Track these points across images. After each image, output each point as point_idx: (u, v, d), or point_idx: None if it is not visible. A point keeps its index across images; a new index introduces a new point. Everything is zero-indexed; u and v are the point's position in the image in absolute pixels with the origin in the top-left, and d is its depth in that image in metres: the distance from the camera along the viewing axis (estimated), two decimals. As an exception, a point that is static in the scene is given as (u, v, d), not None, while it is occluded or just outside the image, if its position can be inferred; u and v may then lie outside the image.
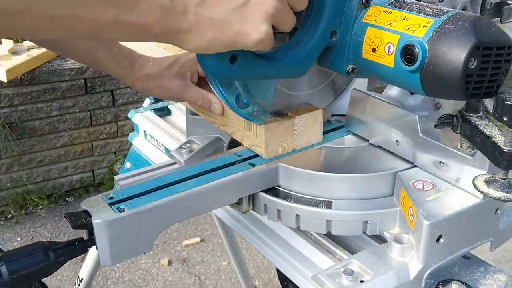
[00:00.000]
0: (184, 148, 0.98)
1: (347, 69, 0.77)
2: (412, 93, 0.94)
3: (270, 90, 0.80)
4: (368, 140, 0.89)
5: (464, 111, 0.75)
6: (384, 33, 0.71)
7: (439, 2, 0.81)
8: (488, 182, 0.70)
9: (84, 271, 1.49)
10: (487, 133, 0.70)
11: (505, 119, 0.65)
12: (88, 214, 0.68)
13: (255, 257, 2.66)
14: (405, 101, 0.91)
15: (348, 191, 0.78)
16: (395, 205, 0.77)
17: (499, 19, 0.92)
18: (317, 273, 0.70)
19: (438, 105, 0.99)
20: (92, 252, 1.39)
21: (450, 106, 0.99)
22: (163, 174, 0.79)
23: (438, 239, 0.70)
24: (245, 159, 0.84)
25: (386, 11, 0.73)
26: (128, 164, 1.37)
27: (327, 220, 0.77)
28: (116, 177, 0.92)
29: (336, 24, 0.75)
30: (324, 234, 0.85)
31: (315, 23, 0.75)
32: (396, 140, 0.83)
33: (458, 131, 0.76)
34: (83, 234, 0.69)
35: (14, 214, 2.95)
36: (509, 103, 0.64)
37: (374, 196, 0.79)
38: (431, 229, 0.68)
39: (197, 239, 2.79)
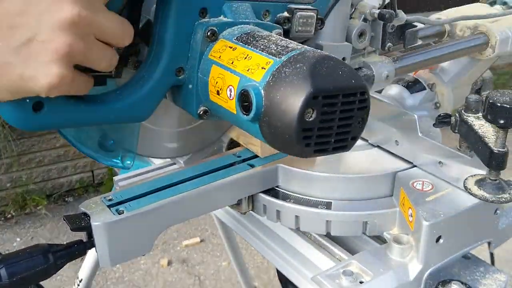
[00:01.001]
0: (184, 149, 0.98)
1: (198, 112, 0.68)
2: (411, 93, 0.94)
3: (133, 132, 0.72)
4: (367, 140, 0.89)
5: (462, 110, 0.75)
6: (226, 74, 0.61)
7: (319, 27, 0.73)
8: (479, 183, 0.70)
9: (84, 272, 1.49)
10: (480, 133, 0.70)
11: (489, 118, 0.65)
12: (87, 216, 0.68)
13: (255, 257, 2.66)
14: (404, 101, 0.91)
15: (347, 191, 0.78)
16: (394, 205, 0.77)
17: (402, 43, 0.86)
18: (317, 274, 0.70)
19: (438, 105, 0.99)
20: (92, 252, 1.38)
21: (450, 105, 0.99)
22: (162, 175, 0.79)
23: (437, 240, 0.70)
24: (244, 160, 0.83)
25: (231, 47, 0.62)
26: (127, 165, 1.37)
27: (327, 221, 0.77)
28: (115, 178, 0.92)
29: (182, 60, 0.65)
30: (323, 235, 0.85)
31: (157, 58, 0.64)
32: (396, 140, 0.83)
33: (456, 131, 0.76)
34: (82, 236, 0.69)
35: (13, 214, 2.95)
36: (495, 103, 0.64)
37: (373, 196, 0.79)
38: (430, 230, 0.68)
39: (197, 239, 2.79)
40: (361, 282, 0.68)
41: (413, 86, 0.97)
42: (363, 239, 0.84)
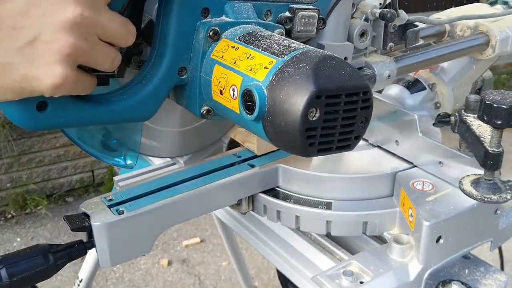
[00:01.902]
0: (184, 149, 0.98)
1: (201, 111, 0.68)
2: (412, 93, 0.94)
3: (136, 131, 0.72)
4: (367, 140, 0.89)
5: (462, 110, 0.75)
6: (229, 73, 0.61)
7: (320, 27, 0.73)
8: (475, 184, 0.70)
9: (84, 272, 1.49)
10: (477, 133, 0.70)
11: (485, 118, 0.65)
12: (87, 216, 0.68)
13: (255, 257, 2.66)
14: (404, 101, 0.91)
15: (347, 191, 0.78)
16: (394, 205, 0.77)
17: (404, 43, 0.86)
18: (317, 274, 0.70)
19: (438, 105, 0.99)
20: (92, 252, 1.38)
21: (450, 105, 0.99)
22: (162, 175, 0.79)
23: (438, 240, 0.70)
24: (244, 160, 0.83)
25: (234, 47, 0.62)
26: (127, 165, 1.37)
27: (327, 221, 0.77)
28: (115, 178, 0.92)
29: (185, 60, 0.65)
30: (324, 235, 0.85)
31: (159, 58, 0.65)
32: (396, 140, 0.83)
33: (455, 131, 0.76)
34: (82, 236, 0.69)
35: (14, 214, 2.95)
36: (488, 102, 0.64)
37: (373, 196, 0.79)
38: (430, 230, 0.68)
39: (197, 239, 2.79)
40: (361, 282, 0.68)
41: (413, 86, 0.97)
42: (363, 239, 0.84)
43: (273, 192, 0.81)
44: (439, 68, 1.01)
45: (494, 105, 0.63)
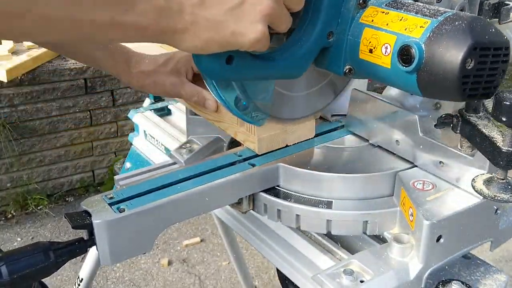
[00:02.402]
0: (184, 148, 0.98)
1: (344, 70, 0.76)
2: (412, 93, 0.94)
3: (268, 91, 0.80)
4: (368, 140, 0.89)
5: (464, 111, 0.75)
6: (381, 34, 0.70)
7: (436, 2, 0.80)
8: (487, 183, 0.70)
9: (84, 271, 1.49)
10: (486, 133, 0.70)
11: (503, 119, 0.65)
12: (88, 214, 0.68)
13: (255, 257, 2.66)
14: (405, 101, 0.91)
15: (348, 191, 0.78)
16: (395, 205, 0.77)
17: (497, 19, 0.91)
18: (317, 273, 0.70)
19: (438, 105, 0.99)
20: (92, 252, 1.39)
21: (450, 106, 0.99)
22: (163, 174, 0.79)
23: (438, 239, 0.70)
24: (245, 159, 0.84)
25: (383, 12, 0.72)
26: (128, 164, 1.37)
27: (327, 220, 0.77)
28: (116, 177, 0.92)
29: (333, 25, 0.75)
30: (324, 234, 0.85)
31: (312, 24, 0.74)
32: (396, 140, 0.84)
33: (458, 131, 0.76)
34: (83, 234, 0.69)
35: (14, 214, 2.95)
36: (507, 103, 0.64)
37: (374, 196, 0.79)
38: (431, 229, 0.68)
39: (197, 239, 2.79)
40: (361, 281, 0.68)
41: (414, 86, 0.97)
42: (364, 239, 0.84)
43: (273, 191, 0.82)
44: (440, 69, 1.01)
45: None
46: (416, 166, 0.81)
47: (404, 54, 0.66)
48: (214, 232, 2.82)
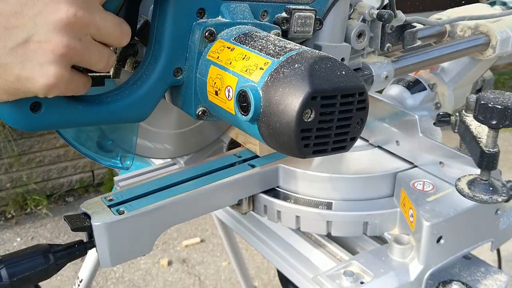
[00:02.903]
0: (184, 149, 0.98)
1: (197, 112, 0.68)
2: (412, 93, 0.94)
3: (132, 132, 0.72)
4: (368, 140, 0.89)
5: (463, 110, 0.75)
6: (224, 74, 0.61)
7: (317, 29, 0.74)
8: (470, 183, 0.70)
9: (84, 272, 1.49)
10: (475, 133, 0.70)
11: (481, 118, 0.65)
12: (87, 216, 0.68)
13: (255, 257, 2.66)
14: (405, 101, 0.91)
15: (348, 192, 0.78)
16: (395, 205, 0.77)
17: (401, 44, 0.86)
18: (317, 274, 0.70)
19: (439, 105, 0.99)
20: (92, 252, 1.39)
21: (450, 106, 0.99)
22: (163, 175, 0.79)
23: (438, 240, 0.69)
24: (245, 160, 0.83)
25: (230, 47, 0.62)
26: (128, 165, 1.37)
27: (327, 221, 0.77)
28: (116, 178, 0.92)
29: (180, 60, 0.65)
30: (324, 235, 0.85)
31: (155, 59, 0.64)
32: (396, 140, 0.83)
33: (455, 131, 0.76)
34: (83, 236, 0.69)
35: (14, 214, 2.94)
36: (483, 102, 0.64)
37: (374, 196, 0.79)
38: (431, 230, 0.68)
39: (197, 239, 2.79)
40: (362, 283, 0.68)
41: (414, 86, 0.97)
42: (364, 240, 0.84)
43: (273, 192, 0.81)
44: (440, 69, 1.01)
45: (489, 105, 0.63)
46: (416, 166, 0.81)
47: (242, 100, 0.57)
48: (214, 233, 2.82)
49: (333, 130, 0.56)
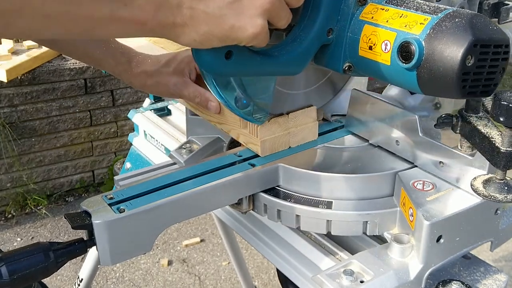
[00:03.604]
0: (184, 148, 0.98)
1: (344, 67, 0.76)
2: (412, 93, 0.94)
3: (268, 89, 0.80)
4: (368, 140, 0.89)
5: (464, 111, 0.75)
6: (381, 31, 0.70)
7: (436, 1, 0.80)
8: (485, 182, 0.70)
9: (84, 271, 1.49)
10: (485, 133, 0.70)
11: (501, 119, 0.65)
12: (88, 214, 0.68)
13: (255, 257, 2.66)
14: (405, 101, 0.91)
15: (348, 191, 0.78)
16: (395, 205, 0.77)
17: (497, 19, 0.91)
18: (317, 273, 0.70)
19: (438, 105, 0.99)
20: (92, 252, 1.39)
21: (450, 106, 0.99)
22: (163, 174, 0.79)
23: (438, 239, 0.70)
24: (245, 159, 0.84)
25: (383, 9, 0.71)
26: (128, 164, 1.37)
27: (327, 220, 0.77)
28: (116, 177, 0.92)
29: (333, 22, 0.74)
30: (324, 234, 0.85)
31: (312, 20, 0.74)
32: (396, 140, 0.83)
33: (458, 131, 0.76)
34: (83, 234, 0.69)
35: (14, 214, 2.95)
36: (505, 103, 0.64)
37: (374, 196, 0.79)
38: (431, 230, 0.68)
39: (197, 239, 2.79)
40: (361, 282, 0.68)
41: (414, 86, 0.97)
42: (364, 239, 0.84)
43: (273, 191, 0.81)
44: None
45: (510, 104, 0.64)
46: (416, 166, 0.81)
47: (404, 50, 0.66)
48: (214, 232, 2.82)
49: (484, 75, 0.64)
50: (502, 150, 0.67)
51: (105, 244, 0.67)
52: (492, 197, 0.68)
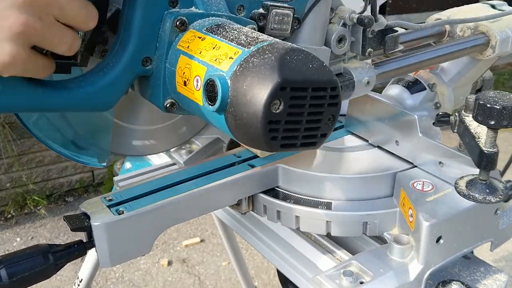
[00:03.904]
0: (184, 149, 0.98)
1: (165, 104, 0.66)
2: (412, 93, 0.94)
3: (106, 128, 0.71)
4: (367, 140, 0.89)
5: (462, 110, 0.75)
6: (193, 64, 0.59)
7: (295, 28, 0.72)
8: (469, 182, 0.70)
9: (84, 272, 1.49)
10: (474, 133, 0.70)
11: (479, 118, 0.65)
12: (87, 216, 0.68)
13: (255, 257, 2.66)
14: (404, 101, 0.91)
15: (347, 191, 0.78)
16: (395, 205, 0.77)
17: (383, 49, 0.84)
18: (317, 274, 0.70)
19: (438, 105, 0.99)
20: (92, 252, 1.39)
21: (450, 106, 0.99)
22: (162, 175, 0.79)
23: (438, 240, 0.69)
24: (244, 160, 0.83)
25: (200, 37, 0.60)
26: (128, 165, 1.37)
27: (327, 221, 0.77)
28: (115, 178, 0.92)
29: (150, 50, 0.63)
30: (324, 235, 0.85)
31: (123, 46, 0.62)
32: (396, 140, 0.83)
33: (455, 131, 0.76)
34: (82, 236, 0.69)
35: (13, 214, 2.94)
36: (481, 102, 0.64)
37: (373, 196, 0.79)
38: (431, 230, 0.68)
39: (197, 239, 2.79)
40: (361, 283, 0.68)
41: (413, 86, 0.97)
42: (363, 239, 0.84)
43: (273, 192, 0.81)
44: (439, 68, 1.01)
45: (488, 105, 0.64)
46: (415, 166, 0.81)
47: (209, 90, 0.55)
48: (214, 232, 2.82)
49: (302, 124, 0.54)
50: (484, 151, 0.67)
51: (104, 246, 0.67)
52: (472, 196, 0.68)
